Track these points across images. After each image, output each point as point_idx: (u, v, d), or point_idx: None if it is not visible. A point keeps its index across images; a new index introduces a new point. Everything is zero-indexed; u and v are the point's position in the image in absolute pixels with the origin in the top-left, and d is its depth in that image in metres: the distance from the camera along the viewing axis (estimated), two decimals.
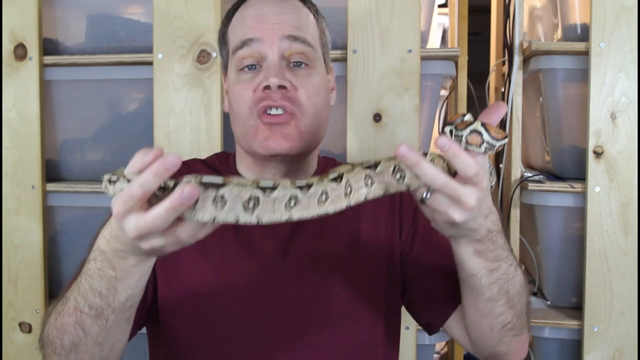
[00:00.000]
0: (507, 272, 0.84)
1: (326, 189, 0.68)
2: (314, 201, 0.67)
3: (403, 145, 0.66)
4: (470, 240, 0.77)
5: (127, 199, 0.63)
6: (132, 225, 0.64)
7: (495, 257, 0.81)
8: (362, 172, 0.71)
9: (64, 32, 1.65)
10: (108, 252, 0.73)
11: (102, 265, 0.75)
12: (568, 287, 1.62)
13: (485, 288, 0.84)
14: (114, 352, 0.85)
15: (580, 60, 1.51)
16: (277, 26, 0.97)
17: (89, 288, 0.77)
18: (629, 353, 1.49)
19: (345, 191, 0.69)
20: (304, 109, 0.97)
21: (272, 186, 0.64)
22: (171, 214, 0.62)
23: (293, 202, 0.65)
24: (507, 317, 0.88)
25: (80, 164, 1.67)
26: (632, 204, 1.47)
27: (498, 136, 0.69)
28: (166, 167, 0.62)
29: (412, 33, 1.45)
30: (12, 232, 1.60)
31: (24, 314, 1.61)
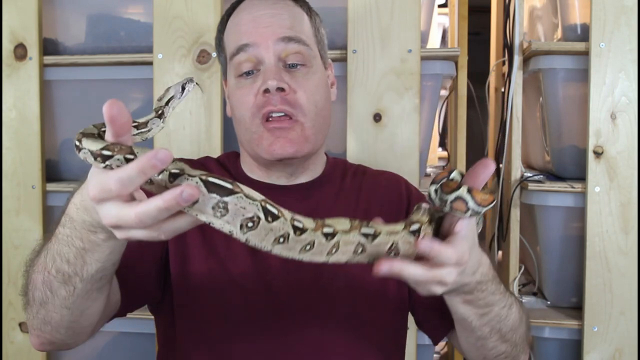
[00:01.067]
0: (500, 314, 0.83)
1: (314, 240, 0.64)
2: (299, 247, 0.64)
3: (425, 241, 0.65)
4: (459, 293, 0.77)
5: (103, 189, 0.57)
6: (110, 214, 0.59)
7: (486, 303, 0.80)
8: (357, 238, 0.67)
9: (64, 32, 1.64)
10: (77, 222, 0.69)
11: (70, 232, 0.71)
12: (568, 287, 1.62)
13: (477, 329, 0.84)
14: (85, 318, 0.82)
15: (580, 60, 1.51)
16: (270, 29, 0.98)
17: (57, 252, 0.73)
18: (629, 353, 1.49)
19: (330, 250, 0.66)
20: (305, 111, 0.97)
21: (277, 214, 0.61)
22: (163, 213, 0.56)
23: (282, 240, 0.62)
24: (500, 349, 0.88)
25: (80, 164, 1.64)
26: (632, 204, 1.47)
27: (484, 202, 0.68)
28: (153, 165, 0.54)
29: (412, 33, 1.45)
30: (12, 232, 1.60)
31: (24, 314, 1.60)
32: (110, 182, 0.57)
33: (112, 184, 0.56)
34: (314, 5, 1.10)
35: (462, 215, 0.68)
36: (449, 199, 0.68)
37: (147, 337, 1.55)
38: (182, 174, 0.58)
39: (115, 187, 0.56)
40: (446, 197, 0.68)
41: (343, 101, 1.48)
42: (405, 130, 1.46)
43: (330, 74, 1.10)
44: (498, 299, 0.82)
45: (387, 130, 1.46)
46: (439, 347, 1.99)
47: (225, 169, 1.08)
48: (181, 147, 1.52)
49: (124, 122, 0.58)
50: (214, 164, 1.09)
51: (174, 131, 1.52)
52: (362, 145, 1.47)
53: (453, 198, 0.68)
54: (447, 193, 0.68)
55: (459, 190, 0.67)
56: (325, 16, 1.52)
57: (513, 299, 0.86)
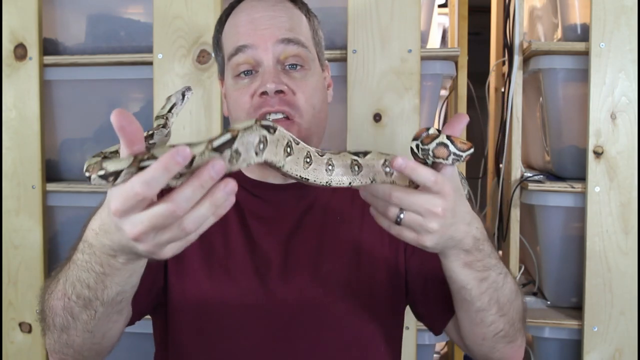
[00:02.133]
0: (497, 280, 0.84)
1: (310, 154, 0.72)
2: (301, 160, 0.71)
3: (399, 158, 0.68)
4: (459, 252, 0.78)
5: (129, 196, 0.57)
6: (136, 221, 0.58)
7: (484, 266, 0.81)
8: (350, 157, 0.74)
9: (64, 32, 1.65)
10: (96, 247, 0.69)
11: (89, 258, 0.71)
12: (568, 287, 1.62)
13: (476, 299, 0.84)
14: (107, 340, 0.84)
15: (580, 60, 1.51)
16: (269, 31, 0.98)
17: (77, 278, 0.74)
18: (629, 353, 1.49)
19: (327, 167, 0.73)
20: (302, 112, 0.97)
21: (273, 125, 0.66)
22: (198, 193, 0.57)
23: (289, 150, 0.69)
24: (498, 325, 0.88)
25: (80, 164, 1.67)
26: (632, 204, 1.47)
27: (464, 147, 0.71)
28: (177, 161, 0.55)
29: (412, 33, 1.45)
30: (12, 232, 1.60)
31: (24, 314, 1.61)
32: (136, 187, 0.56)
33: (138, 187, 0.56)
34: (314, 5, 1.10)
35: (444, 162, 0.72)
36: (431, 147, 0.72)
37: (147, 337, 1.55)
38: (193, 160, 0.59)
39: (142, 190, 0.56)
40: (428, 146, 0.72)
41: (343, 101, 1.48)
42: (405, 130, 1.46)
43: (327, 75, 1.10)
44: (494, 264, 0.82)
45: (387, 130, 1.46)
46: (439, 347, 1.99)
47: None
48: None
49: (134, 130, 0.59)
50: None
51: (174, 131, 1.51)
52: (362, 145, 1.47)
53: (434, 145, 0.71)
54: (428, 143, 0.72)
55: (439, 137, 0.72)
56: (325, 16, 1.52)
57: (507, 271, 0.87)
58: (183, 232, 0.60)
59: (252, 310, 0.96)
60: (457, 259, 0.79)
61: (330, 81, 1.11)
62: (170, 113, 0.81)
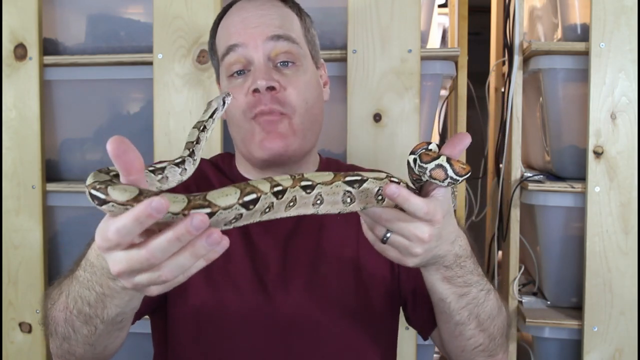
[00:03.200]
0: (477, 297, 0.84)
1: (295, 196, 0.67)
2: (282, 207, 0.66)
3: (391, 185, 0.67)
4: (439, 267, 0.78)
5: (105, 239, 0.58)
6: (116, 260, 0.59)
7: (465, 282, 0.81)
8: (342, 187, 0.69)
9: (64, 32, 1.64)
10: (97, 267, 0.70)
11: (91, 277, 0.72)
12: (568, 287, 1.62)
13: (455, 312, 0.84)
14: (108, 351, 0.85)
15: (580, 60, 1.51)
16: (259, 29, 0.98)
17: (79, 294, 0.75)
18: (629, 353, 1.49)
19: (314, 202, 0.68)
20: (295, 107, 0.98)
21: (256, 198, 0.62)
22: (174, 245, 0.56)
23: (267, 210, 0.64)
24: (478, 339, 0.88)
25: (80, 164, 1.67)
26: (632, 204, 1.47)
27: (462, 171, 0.70)
28: (149, 214, 0.53)
29: (412, 33, 1.45)
30: (12, 232, 1.60)
31: (24, 314, 1.61)
32: (109, 232, 0.56)
33: (110, 233, 0.56)
34: (315, 5, 1.10)
35: (440, 184, 0.71)
36: (429, 167, 0.70)
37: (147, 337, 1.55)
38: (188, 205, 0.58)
39: (114, 237, 0.56)
40: (425, 165, 0.70)
41: (343, 101, 1.48)
42: (405, 130, 1.46)
43: (323, 73, 1.10)
44: (476, 280, 0.82)
45: (387, 130, 1.46)
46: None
47: (220, 171, 1.08)
48: (181, 147, 1.51)
49: (130, 159, 0.58)
50: (208, 166, 1.09)
51: (174, 131, 1.52)
52: (362, 145, 1.47)
53: (433, 166, 0.70)
54: (426, 162, 0.70)
55: (439, 159, 0.70)
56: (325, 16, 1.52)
57: (491, 287, 0.87)
58: (160, 279, 0.59)
59: (250, 313, 0.96)
60: (437, 273, 0.79)
61: (326, 79, 1.11)
62: (212, 119, 0.79)
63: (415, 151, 0.73)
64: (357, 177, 0.69)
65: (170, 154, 1.52)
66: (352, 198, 0.70)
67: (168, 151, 1.52)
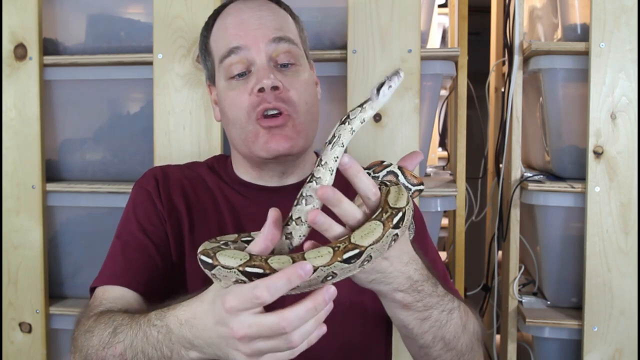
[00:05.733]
0: (439, 319, 0.83)
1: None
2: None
3: (346, 156, 0.67)
4: (394, 293, 0.77)
5: (247, 297, 0.62)
6: (243, 324, 0.63)
7: (424, 305, 0.80)
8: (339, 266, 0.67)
9: (64, 32, 1.64)
10: (174, 335, 0.72)
11: (163, 340, 0.74)
12: (568, 287, 1.62)
13: (419, 337, 0.83)
14: None
15: (580, 60, 1.51)
16: (260, 31, 0.98)
17: (142, 350, 0.76)
18: (629, 353, 1.49)
19: (324, 280, 0.68)
20: (297, 107, 0.98)
21: (260, 273, 0.64)
22: (310, 314, 0.62)
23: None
24: (445, 358, 0.87)
25: (80, 164, 1.67)
26: (632, 204, 1.47)
27: (414, 181, 0.70)
28: (299, 275, 0.60)
29: (412, 33, 1.45)
30: (12, 232, 1.60)
31: (24, 314, 1.61)
32: (258, 291, 0.61)
33: (259, 291, 0.61)
34: (315, 5, 1.10)
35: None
36: (380, 175, 0.71)
37: None
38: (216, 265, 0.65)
39: (262, 294, 0.61)
40: (378, 174, 0.71)
41: (343, 101, 1.48)
42: (405, 130, 1.46)
43: (313, 74, 1.11)
44: (436, 302, 0.82)
45: (387, 130, 1.46)
46: None
47: (216, 173, 1.09)
48: (181, 147, 1.52)
49: (275, 236, 0.67)
50: (204, 168, 1.10)
51: (174, 131, 1.52)
52: (362, 145, 1.47)
53: (384, 173, 0.70)
54: (378, 172, 0.71)
55: (391, 166, 0.71)
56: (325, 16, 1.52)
57: (456, 305, 0.85)
58: (289, 345, 0.64)
59: None
60: (394, 301, 0.78)
61: (317, 79, 1.12)
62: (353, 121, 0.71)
63: (370, 166, 0.73)
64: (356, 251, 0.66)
65: (170, 154, 1.52)
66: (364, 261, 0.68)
67: (168, 151, 1.52)
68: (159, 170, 1.08)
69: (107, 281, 0.96)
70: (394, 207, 0.66)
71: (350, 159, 0.67)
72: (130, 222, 1.02)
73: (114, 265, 0.98)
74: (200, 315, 0.70)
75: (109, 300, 0.91)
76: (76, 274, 1.66)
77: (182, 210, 1.03)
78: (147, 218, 1.01)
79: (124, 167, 1.64)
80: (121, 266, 0.97)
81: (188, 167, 1.11)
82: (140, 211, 1.02)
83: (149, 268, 0.97)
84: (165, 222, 1.01)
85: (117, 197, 1.55)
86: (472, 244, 1.84)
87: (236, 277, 0.63)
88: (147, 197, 1.03)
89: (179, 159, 1.45)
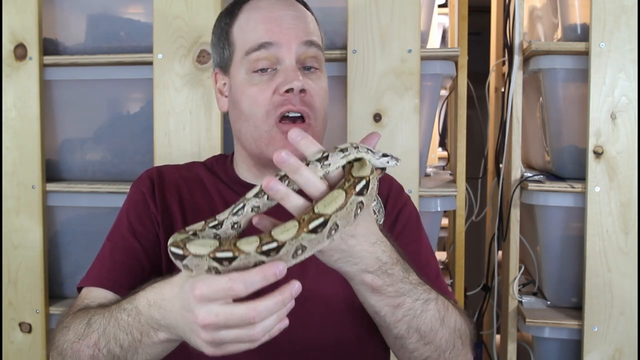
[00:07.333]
0: (413, 307, 0.81)
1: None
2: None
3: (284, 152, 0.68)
4: (363, 274, 0.76)
5: (220, 287, 0.62)
6: (210, 313, 0.63)
7: (396, 291, 0.79)
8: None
9: (64, 32, 1.64)
10: (143, 316, 0.73)
11: (132, 322, 0.75)
12: (568, 287, 1.62)
13: (392, 325, 0.82)
14: None
15: (580, 60, 1.51)
16: (294, 31, 0.97)
17: (114, 336, 0.77)
18: (629, 353, 1.49)
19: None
20: (317, 114, 0.97)
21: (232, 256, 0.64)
22: (278, 307, 0.63)
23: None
24: (423, 352, 0.85)
25: (80, 164, 1.67)
26: (632, 204, 1.47)
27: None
28: (274, 273, 0.62)
29: (412, 33, 1.45)
30: (12, 232, 1.60)
31: (24, 314, 1.61)
32: (234, 284, 0.62)
33: (236, 284, 0.62)
34: (315, 5, 1.10)
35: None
36: (338, 158, 0.72)
37: None
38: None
39: (238, 288, 0.62)
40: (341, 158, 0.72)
41: (343, 101, 1.48)
42: (405, 130, 1.46)
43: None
44: (409, 289, 0.80)
45: (387, 130, 1.46)
46: None
47: (214, 173, 1.08)
48: (181, 147, 1.52)
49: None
50: (202, 168, 1.09)
51: (174, 131, 1.52)
52: None
53: (342, 156, 0.72)
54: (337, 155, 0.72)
55: (348, 147, 0.73)
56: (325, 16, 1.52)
57: (433, 297, 0.84)
58: (251, 337, 0.64)
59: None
60: (364, 283, 0.77)
61: None
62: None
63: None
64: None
65: (170, 154, 1.52)
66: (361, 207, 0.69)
67: (168, 151, 1.52)
68: (155, 171, 1.08)
69: (92, 282, 0.96)
70: (357, 176, 0.68)
71: (288, 155, 0.67)
72: (122, 223, 1.02)
73: (100, 267, 0.98)
74: (169, 298, 0.70)
75: (91, 301, 0.92)
76: (76, 274, 1.66)
77: (176, 211, 1.02)
78: (139, 220, 1.01)
79: (124, 167, 1.64)
80: (107, 268, 0.97)
81: (186, 167, 1.10)
82: (133, 213, 1.02)
83: (134, 271, 0.97)
84: (158, 225, 1.01)
85: (117, 197, 1.55)
86: (472, 244, 1.84)
87: (208, 265, 0.64)
88: (141, 198, 1.03)
89: (179, 159, 1.45)
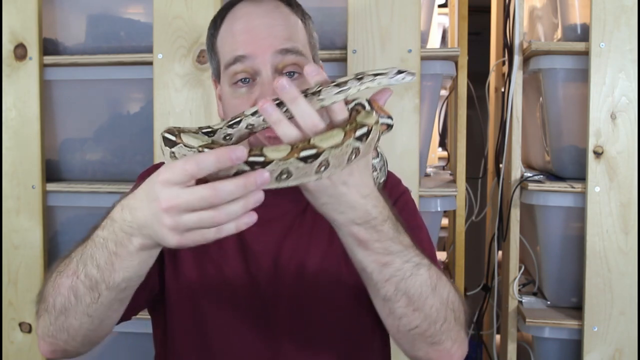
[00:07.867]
0: (403, 269, 0.79)
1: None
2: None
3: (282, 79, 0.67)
4: (350, 225, 0.75)
5: (177, 169, 0.63)
6: (172, 195, 0.63)
7: (385, 249, 0.77)
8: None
9: (64, 32, 1.65)
10: (117, 222, 0.73)
11: (107, 235, 0.74)
12: (568, 287, 1.62)
13: (379, 285, 0.80)
14: (102, 328, 0.84)
15: (580, 60, 1.51)
16: (267, 41, 0.97)
17: (90, 255, 0.76)
18: (629, 353, 1.49)
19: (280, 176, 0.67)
20: None
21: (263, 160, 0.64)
22: (239, 191, 0.62)
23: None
24: (412, 320, 0.83)
25: (80, 164, 1.67)
26: (632, 204, 1.47)
27: (383, 114, 0.71)
28: (229, 157, 0.61)
29: (412, 33, 1.45)
30: (12, 232, 1.60)
31: (24, 314, 1.61)
32: (187, 164, 0.62)
33: (188, 165, 0.62)
34: (315, 5, 1.10)
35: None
36: (349, 107, 0.71)
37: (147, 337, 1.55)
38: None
39: (190, 168, 0.62)
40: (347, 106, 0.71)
41: None
42: (405, 130, 1.46)
43: None
44: (399, 250, 0.78)
45: None
46: None
47: None
48: None
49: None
50: None
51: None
52: None
53: (353, 105, 0.71)
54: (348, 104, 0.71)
55: (358, 99, 0.72)
56: (325, 16, 1.52)
57: (425, 263, 0.82)
58: (213, 220, 0.63)
59: (244, 309, 0.97)
60: (351, 235, 0.76)
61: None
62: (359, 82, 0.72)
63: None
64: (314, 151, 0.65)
65: None
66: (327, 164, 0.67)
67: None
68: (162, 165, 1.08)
69: None
70: (360, 122, 0.67)
71: (288, 82, 0.66)
72: None
73: None
74: (140, 197, 0.70)
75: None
76: None
77: None
78: None
79: (124, 167, 1.64)
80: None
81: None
82: None
83: None
84: None
85: (117, 197, 1.55)
86: (472, 244, 1.84)
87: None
88: None
89: None
